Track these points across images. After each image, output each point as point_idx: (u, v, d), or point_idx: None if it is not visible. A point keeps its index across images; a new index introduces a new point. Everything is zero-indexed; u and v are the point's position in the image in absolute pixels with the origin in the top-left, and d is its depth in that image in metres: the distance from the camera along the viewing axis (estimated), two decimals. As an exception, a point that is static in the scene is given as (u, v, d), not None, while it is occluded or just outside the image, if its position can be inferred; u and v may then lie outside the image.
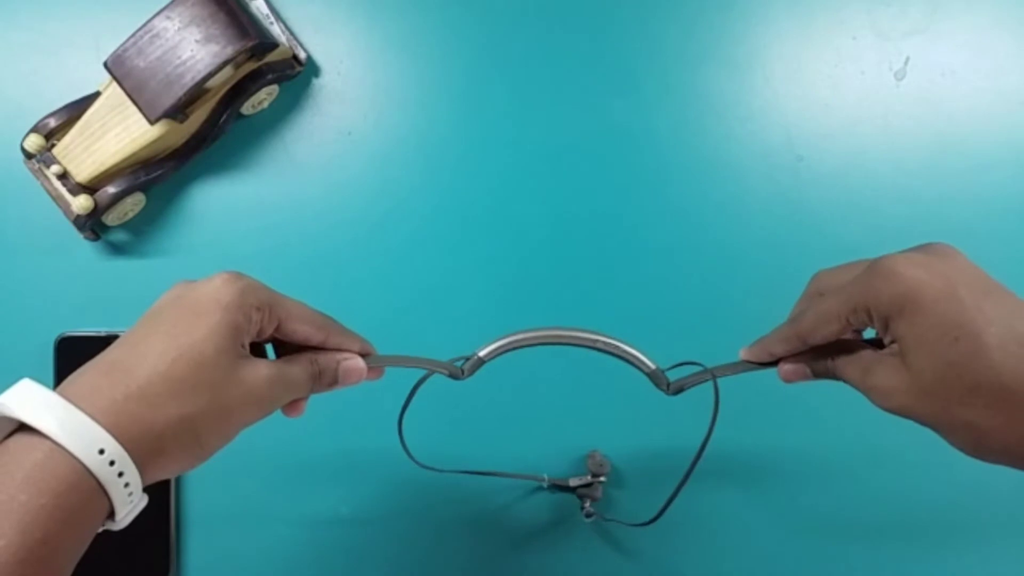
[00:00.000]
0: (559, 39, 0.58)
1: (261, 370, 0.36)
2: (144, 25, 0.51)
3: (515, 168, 0.57)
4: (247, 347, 0.36)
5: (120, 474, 0.31)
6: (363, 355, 0.41)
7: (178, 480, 0.57)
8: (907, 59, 0.58)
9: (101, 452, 0.31)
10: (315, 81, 0.58)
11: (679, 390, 0.43)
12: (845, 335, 0.38)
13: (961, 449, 0.34)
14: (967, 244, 0.57)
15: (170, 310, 0.35)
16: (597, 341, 0.43)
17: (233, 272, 0.37)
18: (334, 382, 0.40)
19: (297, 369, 0.38)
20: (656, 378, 0.43)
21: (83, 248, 0.57)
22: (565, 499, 0.56)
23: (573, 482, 0.55)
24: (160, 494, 0.56)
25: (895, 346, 0.35)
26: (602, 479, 0.54)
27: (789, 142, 0.58)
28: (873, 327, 0.36)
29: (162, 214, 0.57)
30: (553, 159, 0.57)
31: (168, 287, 0.56)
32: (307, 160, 0.57)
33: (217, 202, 0.57)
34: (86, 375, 0.33)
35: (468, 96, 0.58)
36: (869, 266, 0.35)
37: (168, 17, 0.51)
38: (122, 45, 0.51)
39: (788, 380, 0.41)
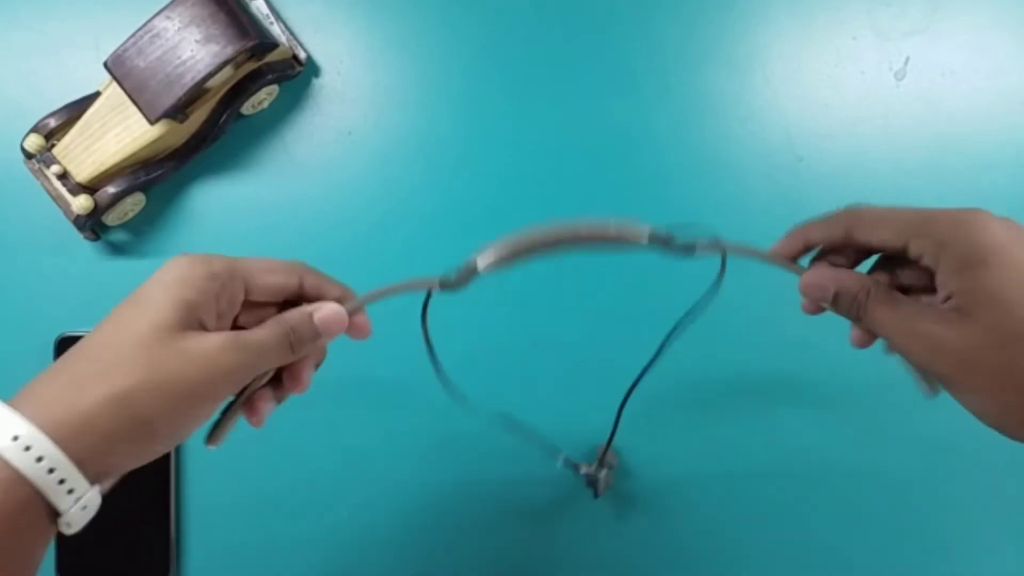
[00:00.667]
0: (559, 39, 0.58)
1: (211, 339, 0.33)
2: (144, 25, 0.51)
3: (515, 168, 0.57)
4: (209, 324, 0.34)
5: (50, 470, 0.29)
6: (340, 301, 0.39)
7: (178, 478, 0.57)
8: (907, 59, 0.58)
9: (27, 449, 0.29)
10: (315, 81, 0.58)
11: (688, 249, 0.39)
12: (882, 271, 0.36)
13: (1007, 414, 0.32)
14: (967, 244, 0.57)
15: (119, 303, 0.34)
16: (608, 228, 0.38)
17: (185, 253, 0.35)
18: (316, 336, 0.37)
19: (262, 332, 0.35)
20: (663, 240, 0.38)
21: (83, 248, 0.57)
22: (577, 488, 0.56)
23: (583, 469, 0.54)
24: (160, 492, 0.56)
25: (952, 301, 0.32)
26: (613, 466, 0.54)
27: (789, 142, 0.58)
28: (925, 265, 0.33)
29: (162, 214, 0.57)
30: (553, 159, 0.57)
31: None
32: (307, 160, 0.57)
33: (217, 202, 0.57)
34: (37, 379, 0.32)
35: (468, 96, 0.58)
36: (954, 211, 0.33)
37: (168, 17, 0.51)
38: (122, 45, 0.51)
39: (806, 293, 0.37)
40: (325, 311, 0.37)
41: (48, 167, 0.53)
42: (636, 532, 0.57)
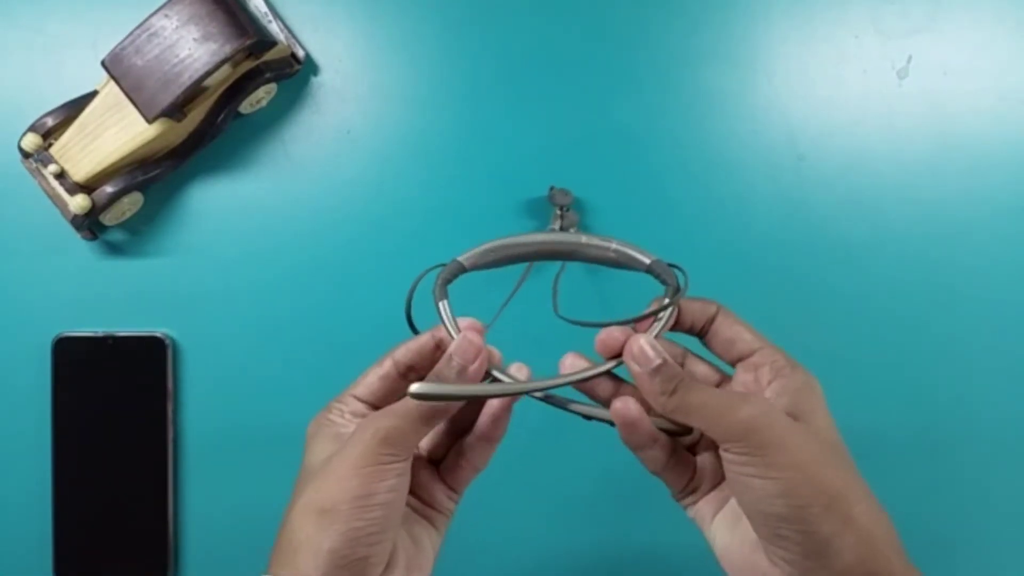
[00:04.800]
0: (559, 38, 0.57)
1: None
2: (142, 23, 0.50)
3: (515, 168, 0.57)
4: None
5: None
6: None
7: (176, 478, 0.57)
8: (909, 58, 0.58)
9: None
10: (314, 79, 0.57)
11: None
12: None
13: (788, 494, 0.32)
14: (968, 243, 0.57)
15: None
16: (590, 246, 0.39)
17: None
18: (458, 366, 0.35)
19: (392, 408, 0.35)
20: (658, 270, 0.38)
21: (80, 248, 0.57)
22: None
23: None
24: (159, 493, 0.56)
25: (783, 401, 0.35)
26: (569, 207, 0.55)
27: (791, 141, 0.57)
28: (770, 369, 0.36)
29: (160, 214, 0.57)
30: (553, 158, 0.57)
31: (166, 287, 0.57)
32: (306, 159, 0.57)
33: (215, 201, 0.57)
34: None
35: (468, 95, 0.57)
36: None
37: (166, 15, 0.50)
38: (120, 44, 0.51)
39: (634, 356, 0.35)
40: (456, 341, 0.36)
41: (45, 166, 0.53)
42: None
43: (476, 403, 0.37)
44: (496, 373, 0.36)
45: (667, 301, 0.36)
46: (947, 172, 0.57)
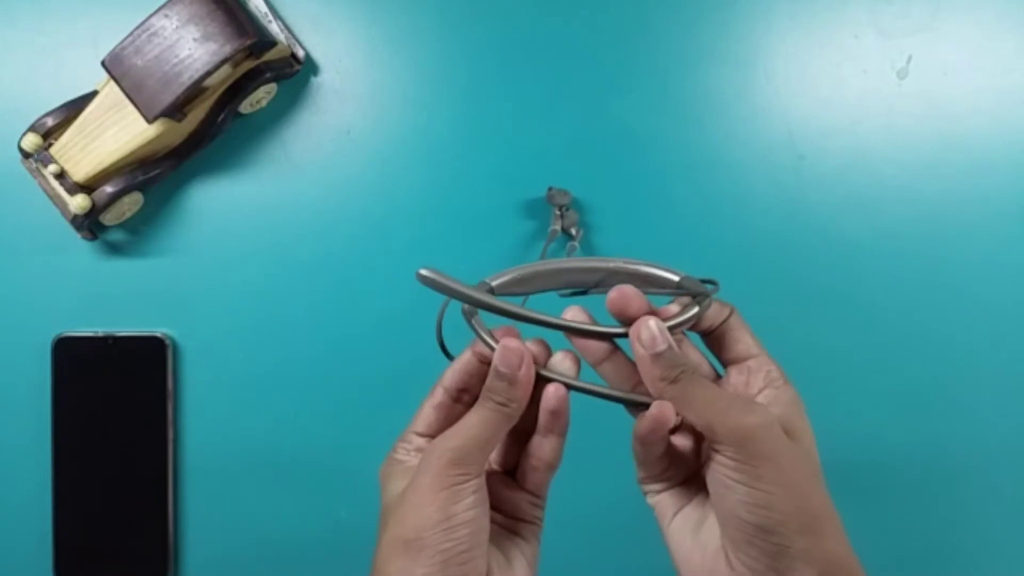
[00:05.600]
0: (559, 38, 0.57)
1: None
2: (142, 23, 0.50)
3: (515, 167, 0.57)
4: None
5: None
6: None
7: (176, 479, 0.57)
8: (909, 58, 0.58)
9: None
10: (314, 79, 0.57)
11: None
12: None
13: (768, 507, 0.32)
14: (969, 243, 0.57)
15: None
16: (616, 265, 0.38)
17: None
18: (504, 375, 0.35)
19: (468, 414, 0.35)
20: (689, 286, 0.38)
21: (80, 248, 0.57)
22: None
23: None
24: (159, 494, 0.56)
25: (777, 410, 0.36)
26: (568, 207, 0.55)
27: (791, 141, 0.57)
28: (766, 378, 0.36)
29: (160, 214, 0.57)
30: (553, 158, 0.57)
31: (166, 287, 0.57)
32: (306, 159, 0.57)
33: (215, 201, 0.57)
34: None
35: (468, 95, 0.57)
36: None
37: (166, 15, 0.50)
38: (120, 44, 0.51)
39: (642, 339, 0.34)
40: (496, 352, 0.35)
41: (45, 166, 0.53)
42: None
43: (534, 405, 0.36)
44: (544, 371, 0.36)
45: (699, 304, 0.36)
46: (947, 172, 0.57)
